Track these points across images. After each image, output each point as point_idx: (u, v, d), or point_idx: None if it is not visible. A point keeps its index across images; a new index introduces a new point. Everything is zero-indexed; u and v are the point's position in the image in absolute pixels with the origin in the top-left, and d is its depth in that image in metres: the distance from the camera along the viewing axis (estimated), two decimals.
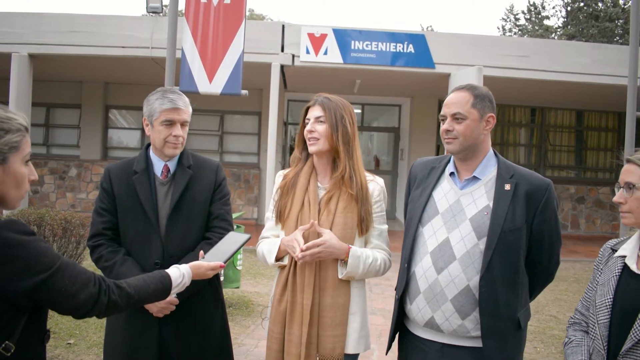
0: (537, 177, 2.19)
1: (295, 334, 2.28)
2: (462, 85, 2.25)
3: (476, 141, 2.18)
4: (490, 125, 2.20)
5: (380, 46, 9.38)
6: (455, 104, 2.18)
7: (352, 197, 2.32)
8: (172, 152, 2.51)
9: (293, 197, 2.39)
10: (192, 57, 5.55)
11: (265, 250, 2.41)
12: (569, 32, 26.16)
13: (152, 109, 2.46)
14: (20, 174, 1.57)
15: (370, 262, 2.32)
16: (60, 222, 5.90)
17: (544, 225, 2.14)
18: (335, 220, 2.31)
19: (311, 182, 2.40)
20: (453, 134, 2.17)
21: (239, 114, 13.11)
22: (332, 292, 2.30)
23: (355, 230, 2.34)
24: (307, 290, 2.28)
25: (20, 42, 9.34)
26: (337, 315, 2.29)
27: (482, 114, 2.17)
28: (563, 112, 13.37)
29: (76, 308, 1.61)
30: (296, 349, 2.27)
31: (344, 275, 2.29)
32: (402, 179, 13.35)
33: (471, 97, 2.17)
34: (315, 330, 2.28)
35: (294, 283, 2.32)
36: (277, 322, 2.34)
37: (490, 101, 2.20)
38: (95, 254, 2.49)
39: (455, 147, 2.18)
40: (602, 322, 1.81)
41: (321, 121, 2.35)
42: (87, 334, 4.85)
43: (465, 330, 2.12)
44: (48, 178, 12.45)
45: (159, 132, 2.46)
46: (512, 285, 2.11)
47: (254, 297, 6.46)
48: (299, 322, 2.28)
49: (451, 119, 2.18)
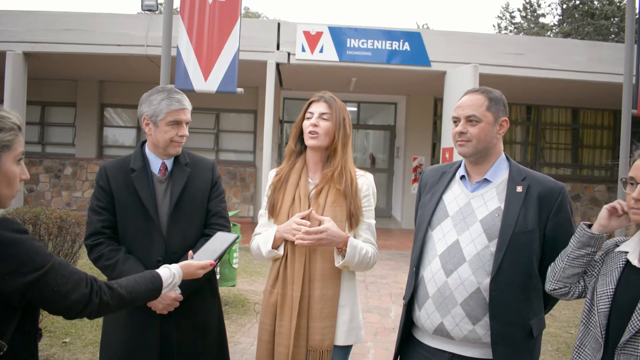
0: (550, 180, 2.15)
1: (285, 325, 2.33)
2: (477, 88, 2.24)
3: (489, 145, 2.16)
4: (503, 129, 2.17)
5: (376, 44, 9.38)
6: (470, 106, 2.15)
7: (340, 192, 2.38)
8: (176, 151, 2.54)
9: (284, 192, 2.45)
10: (188, 55, 5.54)
11: (261, 241, 2.43)
12: (565, 30, 26.22)
13: (158, 109, 2.45)
14: (12, 173, 1.57)
15: (364, 254, 2.36)
16: (56, 220, 5.87)
17: (557, 230, 2.08)
18: (324, 213, 2.36)
19: (302, 177, 2.46)
20: (466, 137, 2.14)
21: (234, 112, 13.09)
22: (321, 284, 2.34)
23: (344, 223, 2.38)
24: (297, 282, 2.32)
25: (15, 40, 9.30)
26: (325, 307, 2.33)
27: (496, 118, 2.14)
28: (559, 110, 13.41)
29: (68, 308, 1.60)
30: (286, 340, 2.31)
31: (340, 264, 2.32)
32: (398, 177, 13.40)
33: (486, 100, 2.15)
34: (305, 322, 2.32)
35: (285, 275, 2.37)
36: (268, 313, 2.39)
37: (504, 105, 2.19)
38: (94, 252, 2.47)
39: (469, 150, 2.15)
40: (602, 311, 1.82)
41: (325, 118, 2.41)
42: (83, 333, 4.84)
43: (476, 336, 2.06)
44: (43, 177, 12.42)
45: (165, 132, 2.46)
46: (524, 290, 2.05)
47: (250, 295, 6.46)
48: (289, 314, 2.32)
49: (465, 122, 2.15)
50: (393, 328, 5.33)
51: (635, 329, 1.72)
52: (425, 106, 12.79)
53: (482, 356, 2.08)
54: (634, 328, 1.73)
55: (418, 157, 12.74)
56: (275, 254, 2.39)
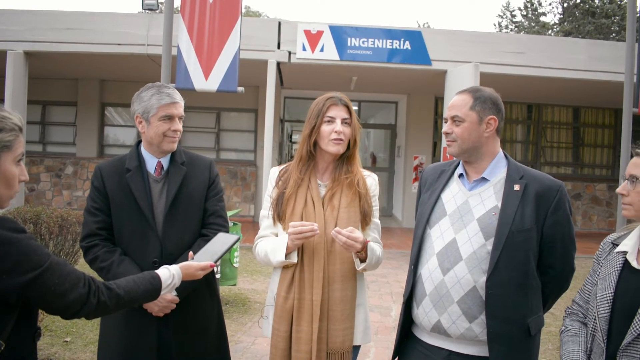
0: (548, 179, 2.15)
1: (305, 330, 2.27)
2: (467, 87, 2.23)
3: (476, 144, 2.15)
4: (491, 127, 2.15)
5: (376, 43, 9.37)
6: (455, 106, 2.17)
7: (355, 193, 2.38)
8: (171, 147, 2.48)
9: (296, 196, 2.39)
10: (188, 54, 5.53)
11: (269, 249, 2.36)
12: (566, 29, 26.16)
13: (148, 105, 2.42)
14: (11, 174, 1.56)
15: (377, 255, 2.39)
16: (57, 220, 5.88)
17: (555, 228, 2.08)
18: (339, 215, 2.34)
19: (312, 180, 2.42)
20: (452, 137, 2.16)
21: (235, 111, 13.08)
22: (341, 286, 2.32)
23: (358, 224, 2.37)
24: (317, 286, 2.28)
25: (16, 39, 9.29)
26: (346, 309, 2.32)
27: (481, 117, 2.13)
28: (560, 108, 13.40)
29: (65, 308, 1.60)
30: (306, 345, 2.25)
31: (361, 267, 2.33)
32: (399, 176, 13.39)
33: (471, 99, 2.14)
34: (325, 325, 2.29)
35: (301, 279, 2.31)
36: (282, 320, 2.31)
37: (494, 103, 2.16)
38: (90, 254, 2.44)
39: (454, 149, 2.18)
40: (603, 316, 1.81)
41: (347, 123, 2.39)
42: (84, 332, 4.84)
43: (473, 334, 2.06)
44: (44, 176, 12.43)
45: (157, 127, 2.42)
46: (521, 288, 2.05)
47: (250, 294, 6.46)
48: (309, 319, 2.27)
49: (451, 122, 2.18)
50: (394, 327, 5.33)
51: (637, 332, 1.72)
52: (426, 105, 12.78)
53: (479, 353, 2.08)
54: (636, 331, 1.72)
55: (419, 156, 12.74)
56: (289, 262, 2.31)
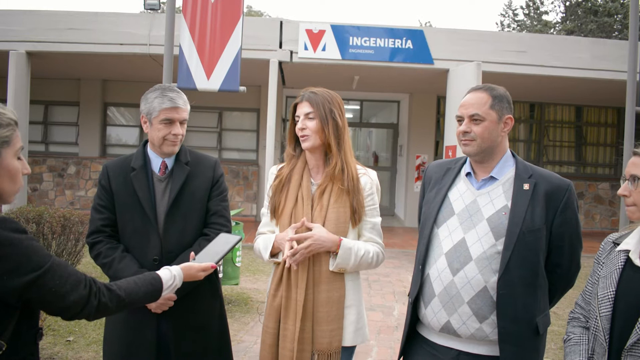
0: (557, 178, 2.13)
1: (290, 329, 2.30)
2: (480, 85, 2.21)
3: (494, 143, 2.13)
4: (508, 127, 2.14)
5: (378, 42, 9.35)
6: (473, 105, 2.12)
7: (342, 190, 2.35)
8: (171, 150, 2.51)
9: (287, 193, 2.42)
10: (190, 53, 5.54)
11: (261, 246, 2.44)
12: (568, 28, 26.10)
13: (151, 107, 2.45)
14: (14, 168, 1.56)
15: (362, 255, 2.33)
16: (59, 219, 5.90)
17: (564, 227, 2.08)
18: (328, 214, 2.34)
19: (304, 178, 2.43)
20: (470, 136, 2.12)
21: (237, 110, 13.10)
22: (327, 287, 2.31)
23: (348, 222, 2.36)
24: (301, 286, 2.30)
25: (18, 39, 9.30)
26: (332, 310, 2.31)
27: (500, 116, 2.11)
28: (562, 107, 13.37)
29: (66, 309, 1.60)
30: (290, 344, 2.28)
31: (334, 266, 2.30)
32: (401, 175, 13.38)
33: (489, 98, 2.12)
34: (310, 326, 2.30)
35: (289, 278, 2.34)
36: (271, 317, 2.36)
37: (508, 102, 2.15)
38: (94, 250, 2.51)
39: (473, 149, 2.13)
40: (604, 314, 1.80)
41: (310, 117, 2.38)
42: (87, 331, 4.85)
43: (483, 334, 2.05)
44: (47, 176, 12.44)
45: (158, 130, 2.46)
46: (530, 288, 2.05)
47: (253, 293, 6.47)
48: (294, 318, 2.30)
49: (469, 121, 2.12)
50: (396, 326, 5.34)
51: None
52: (428, 104, 12.76)
53: (489, 353, 2.07)
54: None
55: (421, 155, 12.73)
56: (274, 260, 2.40)
